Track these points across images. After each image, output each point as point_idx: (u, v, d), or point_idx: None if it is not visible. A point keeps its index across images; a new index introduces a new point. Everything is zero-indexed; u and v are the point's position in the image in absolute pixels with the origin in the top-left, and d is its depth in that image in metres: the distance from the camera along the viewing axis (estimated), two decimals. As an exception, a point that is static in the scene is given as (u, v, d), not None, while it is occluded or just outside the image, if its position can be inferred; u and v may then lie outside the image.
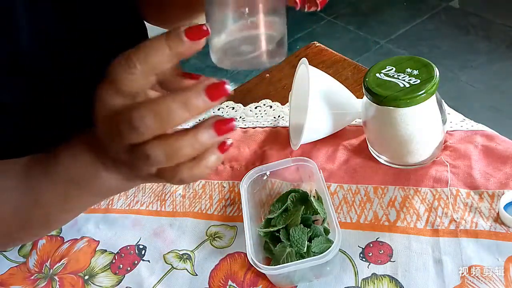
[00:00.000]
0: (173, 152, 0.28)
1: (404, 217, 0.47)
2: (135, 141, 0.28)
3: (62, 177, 0.35)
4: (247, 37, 0.31)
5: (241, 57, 0.32)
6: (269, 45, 0.32)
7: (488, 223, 0.44)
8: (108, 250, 0.53)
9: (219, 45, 0.31)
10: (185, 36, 0.27)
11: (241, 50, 0.31)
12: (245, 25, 0.31)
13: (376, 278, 0.42)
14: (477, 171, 0.48)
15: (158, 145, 0.28)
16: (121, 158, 0.31)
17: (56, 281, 0.51)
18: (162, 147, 0.28)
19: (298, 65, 0.58)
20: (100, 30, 0.45)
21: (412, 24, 2.22)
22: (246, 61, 0.32)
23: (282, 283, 0.44)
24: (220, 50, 0.32)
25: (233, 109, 0.69)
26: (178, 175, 0.31)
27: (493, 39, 1.98)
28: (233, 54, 0.32)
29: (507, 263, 0.40)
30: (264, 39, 0.32)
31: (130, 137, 0.28)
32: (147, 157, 0.28)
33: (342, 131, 0.57)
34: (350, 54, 0.81)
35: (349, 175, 0.53)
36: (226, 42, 0.31)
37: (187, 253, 0.50)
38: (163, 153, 0.28)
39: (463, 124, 0.54)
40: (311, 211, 0.47)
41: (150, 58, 0.27)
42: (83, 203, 0.39)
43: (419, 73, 0.45)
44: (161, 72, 0.28)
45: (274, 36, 0.32)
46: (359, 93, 0.61)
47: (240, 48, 0.31)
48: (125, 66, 0.27)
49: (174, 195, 0.57)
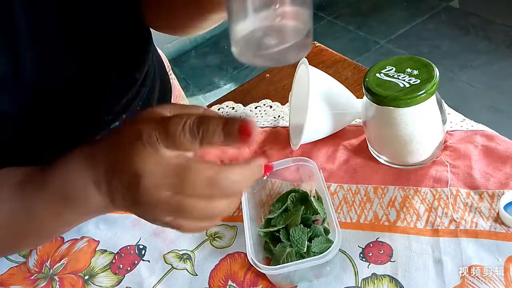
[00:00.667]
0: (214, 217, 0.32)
1: (404, 217, 0.47)
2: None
3: (56, 193, 0.35)
4: (272, 28, 0.29)
5: (265, 51, 0.29)
6: (296, 38, 0.29)
7: (488, 223, 0.44)
8: (108, 250, 0.53)
9: (241, 35, 0.29)
10: (239, 135, 0.29)
11: (265, 42, 0.29)
12: (271, 14, 0.28)
13: (376, 278, 0.42)
14: (477, 171, 0.48)
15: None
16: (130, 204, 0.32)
17: (56, 281, 0.51)
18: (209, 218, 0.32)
19: (298, 65, 0.58)
20: (100, 31, 0.45)
21: (412, 24, 2.22)
22: (269, 56, 0.29)
23: (282, 283, 0.44)
24: (242, 40, 0.29)
25: (233, 109, 0.69)
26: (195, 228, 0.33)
27: (493, 39, 1.98)
28: (256, 46, 0.29)
29: (507, 263, 0.40)
30: (292, 31, 0.29)
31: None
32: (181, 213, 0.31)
33: (342, 131, 0.57)
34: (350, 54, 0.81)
35: (349, 175, 0.53)
36: (249, 32, 0.29)
37: (187, 253, 0.50)
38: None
39: (463, 124, 0.54)
40: (311, 211, 0.47)
41: (206, 135, 0.29)
42: (76, 219, 0.38)
43: (419, 73, 0.45)
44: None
45: (301, 28, 0.29)
46: (359, 93, 0.61)
47: (264, 40, 0.29)
48: (186, 129, 0.29)
49: (174, 195, 0.57)
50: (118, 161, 0.31)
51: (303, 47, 0.30)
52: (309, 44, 0.30)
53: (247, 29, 0.29)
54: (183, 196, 0.30)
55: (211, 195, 0.30)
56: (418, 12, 2.29)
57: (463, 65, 1.89)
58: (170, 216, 0.32)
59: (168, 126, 0.29)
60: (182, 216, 0.31)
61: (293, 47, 0.29)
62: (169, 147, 0.29)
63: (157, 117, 0.31)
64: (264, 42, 0.29)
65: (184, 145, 0.29)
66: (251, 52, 0.30)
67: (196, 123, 0.29)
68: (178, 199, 0.30)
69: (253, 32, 0.29)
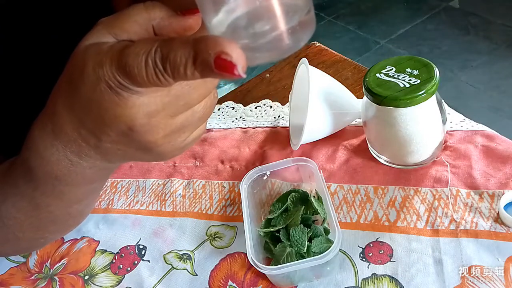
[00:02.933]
0: None
1: (404, 217, 0.47)
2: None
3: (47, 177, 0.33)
4: (258, 11, 0.22)
5: (254, 42, 0.23)
6: (293, 20, 0.23)
7: (488, 223, 0.44)
8: (108, 250, 0.53)
9: (219, 30, 0.23)
10: (215, 66, 0.22)
11: (255, 30, 0.23)
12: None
13: (376, 278, 0.42)
14: (477, 171, 0.48)
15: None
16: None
17: (56, 281, 0.51)
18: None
19: (298, 65, 0.58)
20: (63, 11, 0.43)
21: (412, 24, 2.22)
22: (261, 48, 0.23)
23: (282, 283, 0.44)
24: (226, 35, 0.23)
25: (233, 109, 0.69)
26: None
27: (493, 39, 1.98)
28: (241, 39, 0.23)
29: (507, 263, 0.40)
30: (287, 8, 0.22)
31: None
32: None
33: (342, 131, 0.57)
34: (350, 54, 0.81)
35: (349, 175, 0.53)
36: (229, 23, 0.23)
37: (187, 253, 0.50)
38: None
39: (463, 124, 0.54)
40: (311, 211, 0.47)
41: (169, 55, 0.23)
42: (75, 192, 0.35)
43: (419, 73, 0.45)
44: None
45: (299, 5, 0.23)
46: (359, 93, 0.61)
47: (253, 28, 0.23)
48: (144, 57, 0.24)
49: (174, 195, 0.57)
50: (96, 121, 0.27)
51: (303, 30, 0.23)
52: (312, 21, 0.24)
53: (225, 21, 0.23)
54: (180, 116, 0.28)
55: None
56: (418, 12, 2.29)
57: (463, 65, 1.89)
58: (183, 137, 0.30)
59: (128, 63, 0.24)
60: (191, 128, 0.30)
61: (291, 32, 0.23)
62: (140, 86, 0.25)
63: (106, 48, 0.26)
64: (255, 31, 0.23)
65: (154, 83, 0.24)
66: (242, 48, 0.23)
67: (159, 56, 0.23)
68: (180, 119, 0.28)
69: (234, 23, 0.23)
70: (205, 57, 0.22)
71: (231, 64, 0.21)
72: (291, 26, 0.22)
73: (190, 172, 0.59)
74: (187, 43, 0.22)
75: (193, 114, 0.29)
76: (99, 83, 0.25)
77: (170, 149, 0.30)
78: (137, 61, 0.23)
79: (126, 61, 0.24)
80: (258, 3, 0.22)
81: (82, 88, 0.26)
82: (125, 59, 0.24)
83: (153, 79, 0.24)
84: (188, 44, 0.22)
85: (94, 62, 0.25)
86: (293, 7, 0.23)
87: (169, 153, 0.30)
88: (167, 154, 0.31)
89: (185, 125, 0.29)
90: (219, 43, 0.21)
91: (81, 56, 0.26)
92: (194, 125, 0.30)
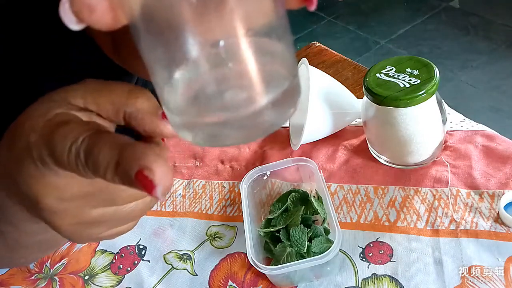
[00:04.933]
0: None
1: (404, 217, 0.47)
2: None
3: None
4: (229, 75, 0.17)
5: (223, 116, 0.17)
6: (276, 88, 0.17)
7: (488, 223, 0.44)
8: (108, 250, 0.53)
9: (173, 99, 0.18)
10: (135, 179, 0.20)
11: (221, 102, 0.17)
12: (218, 59, 0.17)
13: (376, 278, 0.42)
14: (477, 171, 0.48)
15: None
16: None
17: (56, 281, 0.51)
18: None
19: (298, 65, 0.58)
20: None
21: (412, 24, 2.22)
22: (232, 124, 0.17)
23: (282, 283, 0.44)
24: (184, 110, 0.18)
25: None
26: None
27: (493, 39, 1.98)
28: (205, 111, 0.18)
29: (507, 263, 0.40)
30: (265, 77, 0.17)
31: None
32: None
33: (342, 131, 0.57)
34: (350, 54, 0.81)
35: (349, 175, 0.53)
36: (192, 97, 0.18)
37: (187, 253, 0.50)
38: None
39: (463, 124, 0.54)
40: (311, 211, 0.47)
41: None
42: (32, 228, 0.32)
43: (419, 73, 0.45)
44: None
45: (282, 73, 0.18)
46: (359, 93, 0.61)
47: (223, 98, 0.17)
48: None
49: (174, 195, 0.57)
50: (19, 179, 0.25)
51: (291, 97, 0.18)
52: (298, 91, 0.19)
53: (185, 85, 0.17)
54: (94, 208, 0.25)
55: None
56: (418, 12, 2.29)
57: (463, 65, 1.89)
58: (97, 230, 0.27)
59: (54, 143, 0.22)
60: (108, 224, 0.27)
61: (277, 102, 0.17)
62: (62, 168, 0.23)
63: (50, 116, 0.24)
64: (224, 102, 0.17)
65: (75, 171, 0.22)
66: (202, 130, 0.18)
67: (84, 149, 0.21)
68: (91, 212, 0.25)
69: (199, 94, 0.17)
70: (127, 168, 0.20)
71: (151, 184, 0.19)
72: (274, 96, 0.17)
73: (190, 172, 0.59)
74: (115, 144, 0.21)
75: (115, 212, 0.26)
76: (26, 146, 0.24)
77: (82, 237, 0.27)
78: (62, 145, 0.22)
79: (53, 139, 0.22)
80: (230, 64, 0.17)
81: (16, 138, 0.25)
82: (53, 138, 0.22)
83: (74, 168, 0.22)
84: (115, 146, 0.20)
85: (31, 124, 0.24)
86: (276, 74, 0.18)
87: (80, 239, 0.28)
88: (77, 240, 0.28)
89: (102, 220, 0.26)
90: (144, 156, 0.19)
91: (35, 106, 0.25)
92: (114, 223, 0.27)
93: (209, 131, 0.18)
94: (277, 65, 0.18)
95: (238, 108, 0.17)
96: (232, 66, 0.17)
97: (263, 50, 0.17)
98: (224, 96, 0.17)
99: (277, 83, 0.18)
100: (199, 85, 0.17)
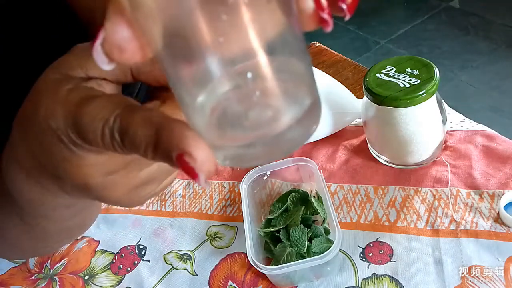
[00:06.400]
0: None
1: (404, 217, 0.47)
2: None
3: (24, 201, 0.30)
4: (251, 101, 0.17)
5: (248, 136, 0.18)
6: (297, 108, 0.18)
7: (488, 223, 0.44)
8: (108, 250, 0.53)
9: (206, 128, 0.18)
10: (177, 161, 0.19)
11: (246, 121, 0.18)
12: (241, 80, 0.17)
13: (376, 278, 0.42)
14: (477, 171, 0.48)
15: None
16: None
17: (56, 281, 0.51)
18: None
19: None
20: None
21: (412, 24, 2.22)
22: (257, 143, 0.18)
23: (282, 283, 0.44)
24: (211, 133, 0.19)
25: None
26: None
27: (493, 39, 1.98)
28: (230, 132, 0.18)
29: (507, 263, 0.40)
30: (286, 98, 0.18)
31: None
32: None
33: (342, 131, 0.57)
34: (350, 54, 0.81)
35: (349, 175, 0.53)
36: (217, 119, 0.18)
37: (187, 253, 0.50)
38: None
39: (463, 124, 0.54)
40: (311, 211, 0.47)
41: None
42: (69, 213, 0.33)
43: (419, 73, 0.45)
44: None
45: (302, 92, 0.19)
46: (359, 93, 0.61)
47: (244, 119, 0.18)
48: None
49: (174, 195, 0.57)
50: (47, 166, 0.25)
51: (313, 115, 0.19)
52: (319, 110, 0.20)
53: (209, 117, 0.18)
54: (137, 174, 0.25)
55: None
56: (418, 12, 2.29)
57: (463, 65, 1.89)
58: (148, 189, 0.27)
59: (82, 126, 0.21)
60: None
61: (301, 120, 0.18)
62: (98, 148, 0.22)
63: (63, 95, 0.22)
64: (251, 122, 0.17)
65: (112, 150, 0.21)
66: (228, 151, 0.19)
67: (118, 130, 0.20)
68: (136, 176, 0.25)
69: (223, 117, 0.18)
70: (166, 152, 0.19)
71: (193, 172, 0.18)
72: (297, 114, 0.18)
73: (190, 172, 0.59)
74: (150, 124, 0.19)
75: (160, 167, 0.26)
76: (50, 134, 0.22)
77: (140, 200, 0.27)
78: (93, 127, 0.21)
79: (81, 122, 0.21)
80: (253, 85, 0.17)
81: (33, 128, 0.24)
82: (80, 120, 0.21)
83: (111, 148, 0.21)
84: (151, 125, 0.19)
85: (46, 110, 0.22)
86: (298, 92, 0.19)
87: (138, 203, 0.28)
88: (136, 204, 0.28)
89: (151, 178, 0.26)
90: (184, 139, 0.18)
91: (38, 91, 0.24)
92: (163, 176, 0.27)
93: (236, 152, 0.18)
94: (299, 83, 0.19)
95: (263, 128, 0.17)
96: (255, 87, 0.17)
97: (284, 69, 0.18)
98: (249, 116, 0.17)
99: (300, 101, 0.18)
100: (223, 108, 0.18)
